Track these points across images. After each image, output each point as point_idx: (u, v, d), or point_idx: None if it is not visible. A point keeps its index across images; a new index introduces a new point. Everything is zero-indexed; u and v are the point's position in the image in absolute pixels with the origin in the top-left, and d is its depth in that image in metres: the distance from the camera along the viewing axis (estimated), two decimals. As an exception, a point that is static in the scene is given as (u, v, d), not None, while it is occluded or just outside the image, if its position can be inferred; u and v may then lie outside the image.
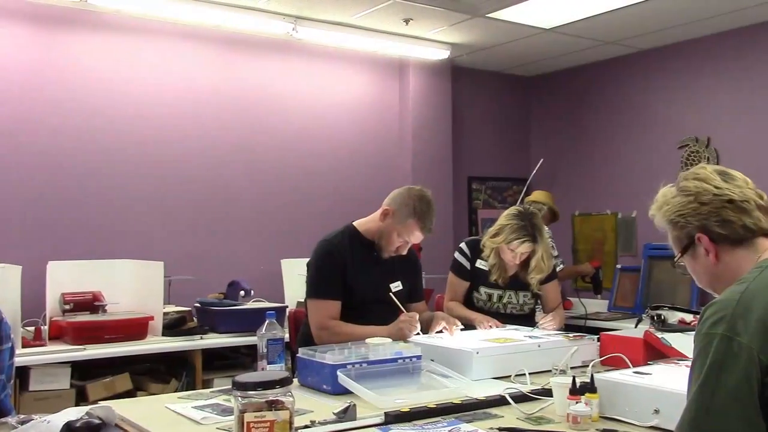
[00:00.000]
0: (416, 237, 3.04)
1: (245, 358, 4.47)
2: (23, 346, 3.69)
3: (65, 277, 4.21)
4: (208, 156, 5.23)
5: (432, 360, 2.58)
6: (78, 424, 1.94)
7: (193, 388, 3.85)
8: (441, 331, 3.00)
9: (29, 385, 3.66)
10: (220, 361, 4.38)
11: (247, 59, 5.42)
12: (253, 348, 4.20)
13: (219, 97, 5.29)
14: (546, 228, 5.16)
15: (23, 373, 3.61)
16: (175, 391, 3.85)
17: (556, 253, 5.19)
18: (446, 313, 3.32)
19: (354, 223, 3.18)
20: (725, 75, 5.59)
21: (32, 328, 3.93)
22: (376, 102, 6.05)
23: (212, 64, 5.28)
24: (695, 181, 1.72)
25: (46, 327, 4.03)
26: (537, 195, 5.69)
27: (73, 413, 2.03)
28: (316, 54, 5.71)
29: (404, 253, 3.11)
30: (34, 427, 1.98)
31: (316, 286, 3.05)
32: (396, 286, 3.15)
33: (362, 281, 3.05)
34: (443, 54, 5.92)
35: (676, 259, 1.78)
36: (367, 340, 2.64)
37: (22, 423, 2.03)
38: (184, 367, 4.15)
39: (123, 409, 2.17)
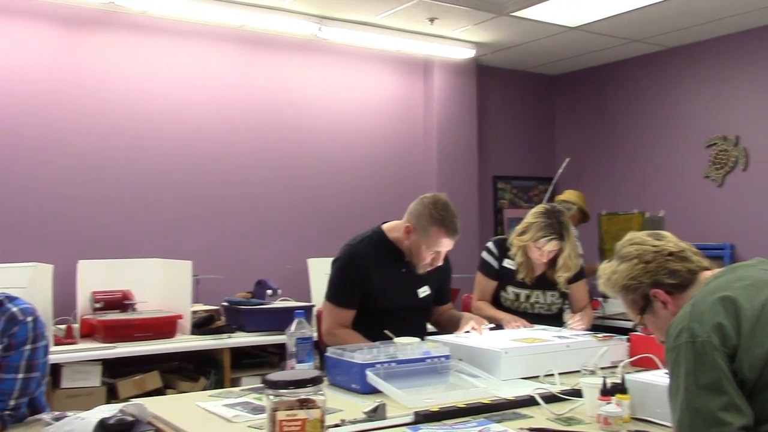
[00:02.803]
0: (445, 244, 2.91)
1: (272, 356, 4.49)
2: (55, 344, 3.73)
3: (95, 276, 4.28)
4: (236, 156, 5.27)
5: (460, 360, 2.58)
6: (112, 421, 1.97)
7: (221, 387, 3.88)
8: (469, 331, 2.99)
9: (61, 383, 3.70)
10: (247, 360, 4.41)
11: (272, 59, 5.45)
12: (279, 347, 4.22)
13: (245, 98, 5.33)
14: (573, 228, 5.13)
15: (55, 370, 3.65)
16: (204, 390, 3.89)
17: (581, 251, 5.13)
18: (474, 313, 3.31)
19: (383, 227, 3.08)
20: (754, 73, 5.52)
21: (64, 326, 3.99)
22: (402, 101, 6.05)
23: (238, 65, 5.31)
24: (633, 246, 1.87)
25: (77, 325, 4.08)
26: (568, 194, 5.63)
27: (107, 410, 2.06)
28: (342, 54, 5.73)
29: (441, 263, 3.00)
30: (69, 424, 2.02)
31: (333, 291, 3.02)
32: (423, 291, 3.10)
33: (387, 289, 3.00)
34: (468, 53, 5.91)
35: (637, 323, 1.91)
36: (395, 339, 2.64)
37: (57, 420, 2.06)
38: (213, 365, 4.18)
39: (155, 406, 2.19)
